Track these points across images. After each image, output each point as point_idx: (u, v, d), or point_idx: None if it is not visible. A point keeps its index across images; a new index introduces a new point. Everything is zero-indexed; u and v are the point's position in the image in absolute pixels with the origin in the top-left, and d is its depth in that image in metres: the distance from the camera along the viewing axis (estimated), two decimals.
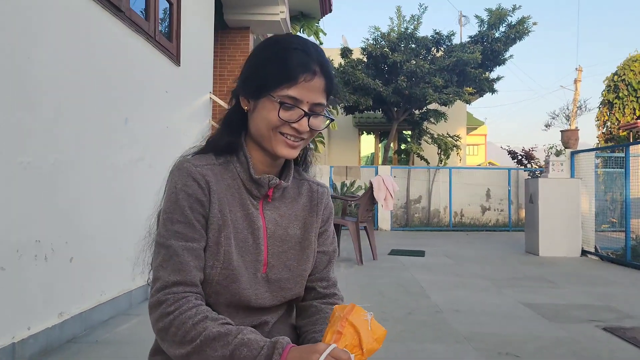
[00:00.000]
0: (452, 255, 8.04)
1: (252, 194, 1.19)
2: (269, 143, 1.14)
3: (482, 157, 35.18)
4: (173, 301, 1.04)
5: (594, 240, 8.26)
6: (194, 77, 5.58)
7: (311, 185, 1.32)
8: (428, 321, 3.87)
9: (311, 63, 1.11)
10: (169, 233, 1.10)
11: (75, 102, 3.18)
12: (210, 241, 1.12)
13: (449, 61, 13.23)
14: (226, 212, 1.14)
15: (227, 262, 1.12)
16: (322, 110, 1.16)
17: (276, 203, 1.23)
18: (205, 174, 1.13)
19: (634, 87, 17.18)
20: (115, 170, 3.75)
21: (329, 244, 1.32)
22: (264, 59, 1.14)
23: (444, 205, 13.98)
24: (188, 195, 1.11)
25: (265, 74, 1.12)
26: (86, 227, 3.34)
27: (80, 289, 3.27)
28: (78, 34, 3.24)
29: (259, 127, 1.14)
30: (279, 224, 1.22)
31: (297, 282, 1.22)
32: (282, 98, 1.10)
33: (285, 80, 1.10)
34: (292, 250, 1.22)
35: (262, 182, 1.18)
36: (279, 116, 1.10)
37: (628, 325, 3.82)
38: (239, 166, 1.19)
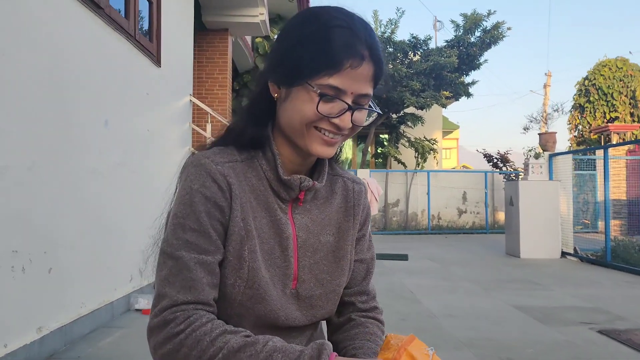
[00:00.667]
0: (435, 259, 8.01)
1: (280, 197, 1.01)
2: (301, 139, 0.96)
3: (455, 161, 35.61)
4: (183, 319, 0.87)
5: (572, 241, 8.35)
6: (174, 79, 5.41)
7: (346, 182, 1.13)
8: (423, 327, 3.78)
9: (359, 45, 0.91)
10: (180, 242, 0.91)
11: (52, 103, 2.99)
12: (231, 255, 0.94)
13: (425, 65, 13.30)
14: (250, 220, 0.96)
15: (252, 280, 0.94)
16: (367, 103, 0.96)
17: (307, 205, 1.05)
18: (227, 174, 0.95)
19: (604, 92, 17.63)
20: (96, 175, 3.56)
21: (366, 250, 1.14)
22: (301, 37, 0.94)
23: (421, 209, 14.02)
24: (206, 198, 0.93)
25: (302, 56, 0.92)
26: (65, 236, 3.14)
27: (59, 302, 3.07)
28: (55, 30, 3.05)
29: (291, 120, 0.95)
30: (311, 230, 1.04)
31: (330, 299, 1.05)
32: (323, 88, 0.90)
33: (328, 66, 0.89)
34: (324, 262, 1.04)
35: (293, 184, 1.00)
36: (317, 110, 0.91)
37: (621, 327, 3.81)
38: (265, 163, 1.00)
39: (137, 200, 4.24)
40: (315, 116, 0.92)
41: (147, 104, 4.59)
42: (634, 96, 17.46)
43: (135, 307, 4.04)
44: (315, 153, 0.96)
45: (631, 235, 9.74)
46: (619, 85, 17.58)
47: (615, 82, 17.60)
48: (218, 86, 8.26)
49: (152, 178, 4.55)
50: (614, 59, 18.11)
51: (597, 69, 18.12)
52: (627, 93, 17.56)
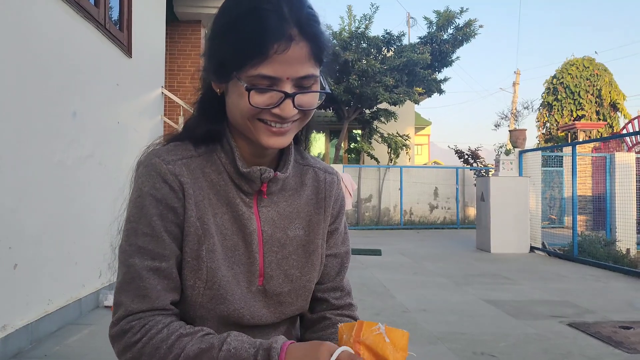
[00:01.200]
0: (407, 254, 8.07)
1: (243, 190, 0.96)
2: (250, 133, 0.90)
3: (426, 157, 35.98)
4: (139, 327, 0.85)
5: (540, 236, 8.53)
6: (145, 70, 5.28)
7: (317, 172, 1.07)
8: (397, 322, 3.79)
9: (284, 25, 0.82)
10: (133, 248, 0.88)
11: (16, 92, 2.87)
12: (189, 256, 0.91)
13: (399, 61, 13.36)
14: (208, 218, 0.92)
15: (211, 281, 0.91)
16: (313, 83, 0.88)
17: (274, 198, 0.99)
18: (179, 173, 0.91)
19: (572, 90, 18.05)
20: (63, 167, 3.44)
21: (341, 244, 1.09)
22: (222, 28, 0.88)
23: (394, 204, 14.12)
24: (157, 200, 0.89)
25: (224, 50, 0.86)
26: (31, 230, 3.03)
27: (25, 299, 2.96)
28: (20, 17, 2.93)
29: (234, 116, 0.91)
30: (278, 224, 0.99)
31: (300, 296, 1.00)
32: (253, 80, 0.83)
33: (251, 56, 0.82)
34: (293, 256, 0.99)
35: (253, 176, 0.94)
36: (250, 104, 0.84)
37: (590, 320, 3.90)
38: (224, 157, 0.95)
39: (106, 193, 4.12)
40: (252, 110, 0.86)
41: (117, 96, 4.46)
42: (600, 95, 17.94)
43: (104, 303, 3.94)
44: (266, 145, 0.89)
45: (596, 230, 10.01)
46: (586, 84, 18.02)
47: (582, 81, 18.04)
48: (190, 79, 8.12)
49: (122, 171, 4.44)
50: (580, 59, 18.56)
51: (564, 68, 18.54)
52: (594, 92, 18.02)
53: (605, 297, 4.84)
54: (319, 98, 0.92)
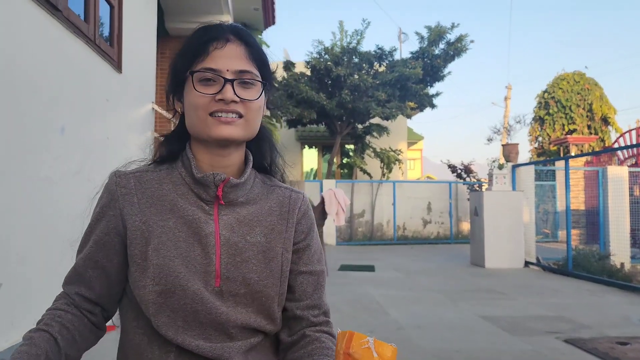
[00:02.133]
0: (401, 269, 8.01)
1: (202, 198, 1.04)
2: (203, 131, 1.00)
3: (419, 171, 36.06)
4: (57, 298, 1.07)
5: (534, 251, 8.51)
6: (136, 85, 5.24)
7: (283, 191, 1.14)
8: (391, 339, 3.69)
9: (221, 32, 1.02)
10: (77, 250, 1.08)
11: (3, 107, 2.82)
12: (137, 257, 0.98)
13: (391, 76, 13.41)
14: (154, 221, 1.00)
15: (158, 277, 0.96)
16: (252, 80, 1.02)
17: (236, 208, 1.06)
18: (125, 184, 1.04)
19: (563, 104, 18.19)
20: (50, 183, 3.38)
21: (315, 262, 1.12)
22: (180, 49, 1.07)
23: (387, 219, 14.07)
24: (101, 208, 1.05)
25: (179, 60, 1.05)
26: (17, 248, 2.95)
27: (10, 319, 2.87)
28: (8, 32, 2.89)
29: (191, 118, 1.02)
30: (236, 230, 1.04)
31: (256, 299, 1.02)
32: (198, 74, 1.00)
33: (196, 54, 1.00)
34: (253, 261, 1.03)
35: (206, 180, 1.02)
36: (196, 89, 0.99)
37: (586, 336, 3.85)
38: (184, 170, 1.06)
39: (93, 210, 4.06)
40: (200, 99, 0.99)
41: (106, 111, 4.41)
42: (591, 109, 18.08)
43: None
44: (217, 135, 0.99)
45: (590, 244, 10.00)
46: (577, 98, 18.17)
47: (573, 96, 18.19)
48: None
49: None
50: (571, 73, 18.73)
51: (555, 82, 18.70)
52: (585, 106, 18.16)
53: (601, 312, 4.80)
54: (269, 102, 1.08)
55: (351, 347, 0.82)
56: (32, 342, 0.92)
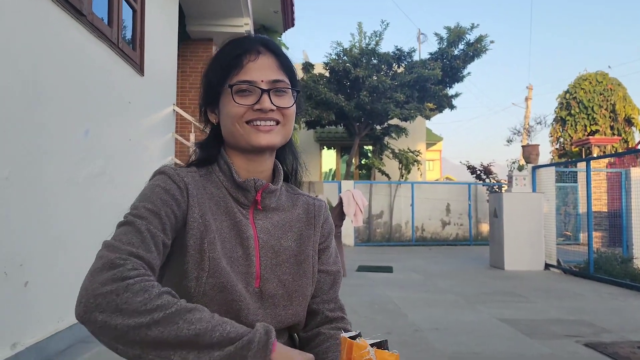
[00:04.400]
0: (419, 271, 7.98)
1: (240, 202, 1.09)
2: (242, 139, 1.06)
3: (438, 172, 35.79)
4: (134, 267, 0.83)
5: (555, 253, 8.40)
6: (157, 88, 5.33)
7: (307, 199, 1.22)
8: (409, 341, 3.73)
9: (252, 44, 1.08)
10: (132, 214, 0.95)
11: (31, 112, 2.90)
12: (192, 249, 0.99)
13: (410, 77, 13.38)
14: (208, 218, 1.03)
15: (213, 269, 0.99)
16: (286, 89, 1.08)
17: (268, 213, 1.12)
18: (184, 176, 1.05)
19: (585, 105, 17.91)
20: (74, 184, 3.46)
21: (332, 262, 1.19)
22: (212, 63, 1.13)
23: (405, 220, 14.03)
24: (164, 190, 1.00)
25: (214, 74, 1.10)
26: (43, 248, 3.04)
27: (35, 316, 2.96)
28: (36, 38, 2.97)
29: (228, 127, 1.07)
30: (272, 233, 1.10)
31: (293, 300, 1.08)
32: (235, 84, 1.05)
33: (231, 67, 1.06)
34: (286, 264, 1.09)
35: (248, 185, 1.08)
36: (235, 101, 1.04)
37: (607, 340, 3.80)
38: (222, 175, 1.11)
39: (117, 211, 4.13)
40: (239, 109, 1.04)
41: (129, 113, 4.50)
42: (614, 109, 17.78)
43: None
44: (257, 143, 1.05)
45: (612, 247, 9.84)
46: (599, 98, 17.88)
47: (595, 96, 17.91)
48: None
49: (133, 189, 4.44)
50: (594, 73, 18.44)
51: (577, 82, 18.43)
52: (607, 106, 17.87)
53: (622, 316, 4.73)
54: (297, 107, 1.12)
55: (352, 357, 0.82)
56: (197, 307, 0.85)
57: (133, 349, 0.80)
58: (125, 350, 0.80)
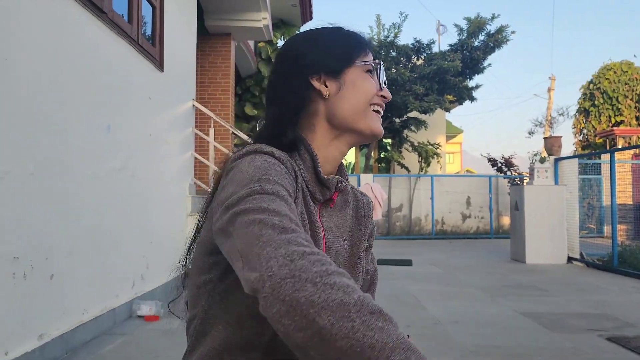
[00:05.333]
0: (439, 264, 7.95)
1: (315, 198, 0.99)
2: (364, 122, 1.00)
3: (458, 165, 35.46)
4: (305, 238, 0.70)
5: (578, 246, 8.27)
6: (177, 83, 5.38)
7: (356, 194, 1.16)
8: (429, 334, 3.72)
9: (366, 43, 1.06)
10: (257, 187, 0.77)
11: (54, 108, 2.96)
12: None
13: (429, 69, 13.27)
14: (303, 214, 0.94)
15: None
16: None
17: (329, 211, 1.04)
18: (289, 160, 0.91)
19: (609, 95, 17.54)
20: (96, 179, 3.53)
21: (371, 261, 1.18)
22: (337, 35, 1.06)
23: (425, 213, 13.95)
24: (285, 173, 0.85)
25: (346, 44, 1.03)
26: (66, 242, 3.11)
27: (61, 308, 3.03)
28: (58, 35, 3.03)
29: (354, 106, 0.99)
30: (335, 234, 1.05)
31: None
32: (369, 64, 1.02)
33: (359, 49, 1.03)
34: (344, 264, 1.07)
35: (330, 183, 1.00)
36: (372, 79, 1.01)
37: (631, 334, 3.75)
38: (302, 165, 0.98)
39: (138, 205, 4.21)
40: (373, 88, 1.01)
41: (149, 109, 4.56)
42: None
43: (137, 313, 4.00)
44: (378, 131, 1.02)
45: (637, 240, 9.65)
46: (624, 89, 17.49)
47: (620, 86, 17.52)
48: (221, 91, 8.24)
49: (154, 183, 4.52)
50: (618, 63, 18.04)
51: (601, 72, 18.05)
52: (633, 97, 17.47)
53: None
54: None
55: None
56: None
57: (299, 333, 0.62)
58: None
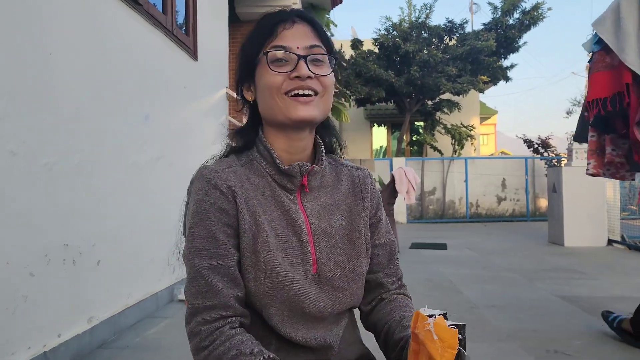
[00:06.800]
0: (474, 248, 7.88)
1: (286, 188, 1.07)
2: (281, 113, 1.01)
3: (492, 147, 34.80)
4: (206, 334, 0.95)
5: (619, 228, 8.07)
6: (211, 72, 5.45)
7: (351, 170, 1.18)
8: (465, 318, 3.72)
9: (287, 14, 1.05)
10: (192, 251, 0.99)
11: (95, 100, 3.06)
12: (247, 251, 1.00)
13: (462, 50, 13.02)
14: (259, 215, 1.02)
15: (269, 270, 0.99)
16: (322, 56, 1.04)
17: (315, 193, 1.09)
18: (227, 178, 1.02)
19: None
20: (137, 168, 3.64)
21: (385, 233, 1.18)
22: (247, 38, 1.09)
23: (459, 197, 13.80)
24: (210, 205, 0.99)
25: (249, 46, 1.06)
26: (111, 229, 3.23)
27: (108, 293, 3.16)
28: (97, 29, 3.11)
29: (266, 101, 1.03)
30: (322, 216, 1.08)
31: (351, 280, 1.08)
32: (270, 54, 1.01)
33: (266, 36, 1.02)
34: (340, 244, 1.08)
35: (293, 171, 1.05)
36: (271, 69, 1.00)
37: None
38: (264, 162, 1.07)
39: (176, 193, 4.30)
40: (276, 78, 1.00)
41: (185, 98, 4.65)
42: None
43: (178, 297, 4.14)
44: (297, 116, 1.00)
45: None
46: None
47: None
48: None
49: (190, 171, 4.60)
50: None
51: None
52: None
53: None
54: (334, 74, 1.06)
55: (416, 328, 0.85)
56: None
57: None
58: None
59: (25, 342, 2.34)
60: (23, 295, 2.32)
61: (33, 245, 2.41)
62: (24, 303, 2.33)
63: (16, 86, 2.33)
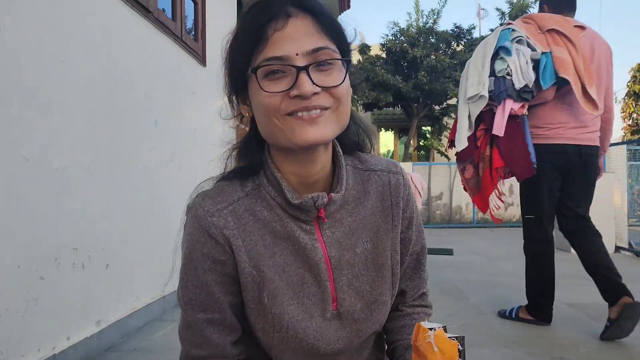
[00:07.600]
0: (481, 253, 7.87)
1: (300, 219, 0.91)
2: (283, 137, 0.81)
3: None
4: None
5: (627, 235, 8.02)
6: (219, 77, 5.47)
7: (380, 176, 0.97)
8: (471, 324, 3.73)
9: (278, 6, 0.81)
10: (185, 300, 0.93)
11: (107, 105, 3.10)
12: (252, 302, 0.91)
13: (470, 55, 13.01)
14: (264, 262, 0.89)
15: (279, 325, 0.90)
16: (330, 59, 0.81)
17: (336, 215, 0.93)
18: (224, 226, 0.88)
19: None
20: (146, 172, 3.68)
21: (415, 243, 1.04)
22: (232, 39, 0.88)
23: (466, 202, 13.76)
24: (203, 255, 0.89)
25: (236, 55, 0.85)
26: (120, 232, 3.26)
27: (116, 296, 3.20)
28: (109, 36, 3.16)
29: (264, 124, 0.84)
30: (344, 245, 0.93)
31: (373, 310, 0.97)
32: (262, 69, 0.79)
33: (254, 43, 0.80)
34: (363, 272, 0.95)
35: (306, 206, 0.88)
36: (263, 89, 0.78)
37: None
38: (272, 190, 0.90)
39: (185, 196, 4.34)
40: (271, 100, 0.79)
41: (193, 103, 4.69)
42: None
43: None
44: (302, 141, 0.80)
45: None
46: None
47: None
48: None
49: (198, 173, 4.64)
50: None
51: None
52: None
53: None
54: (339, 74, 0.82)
55: (417, 340, 0.85)
56: None
57: None
58: None
59: (35, 344, 2.37)
60: (33, 298, 2.36)
61: (44, 248, 2.44)
62: (34, 306, 2.37)
63: (28, 92, 2.37)
